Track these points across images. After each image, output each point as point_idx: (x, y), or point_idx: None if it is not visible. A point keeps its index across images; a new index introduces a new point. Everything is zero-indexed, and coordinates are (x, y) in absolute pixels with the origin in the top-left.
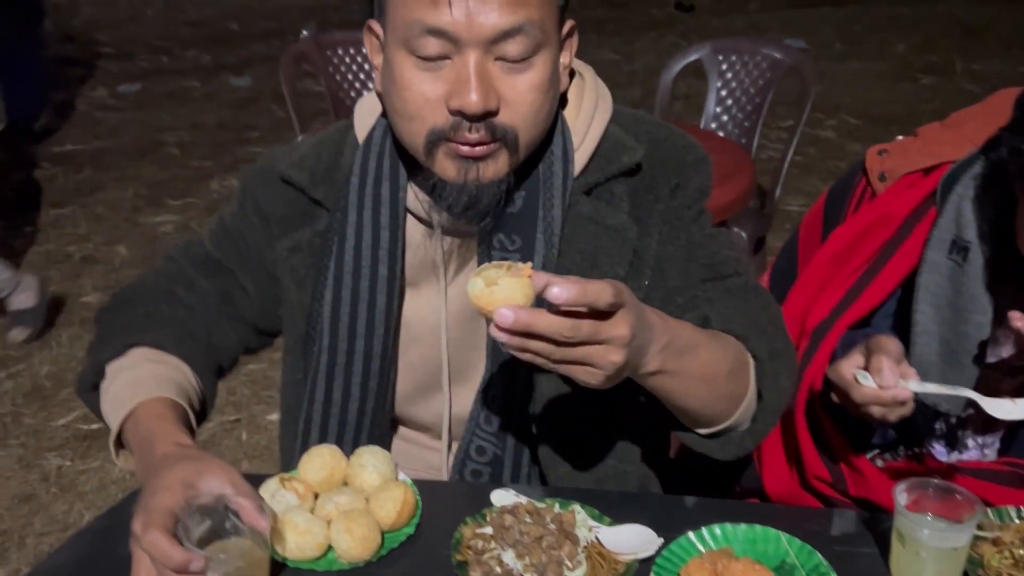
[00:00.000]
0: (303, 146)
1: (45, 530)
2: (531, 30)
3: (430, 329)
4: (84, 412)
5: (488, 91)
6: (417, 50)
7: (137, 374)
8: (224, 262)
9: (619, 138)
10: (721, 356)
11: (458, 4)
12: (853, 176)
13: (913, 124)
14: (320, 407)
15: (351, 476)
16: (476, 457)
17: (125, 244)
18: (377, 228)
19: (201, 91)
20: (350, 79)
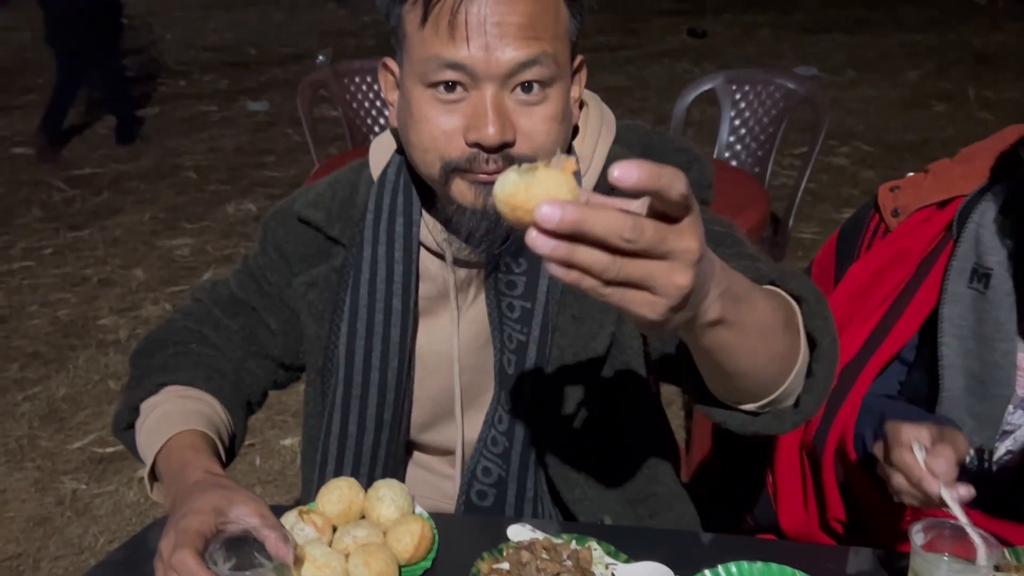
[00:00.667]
0: (319, 186)
1: (60, 553)
2: (546, 62)
3: (444, 359)
4: (100, 435)
5: (505, 123)
6: (434, 83)
7: (169, 409)
8: (248, 301)
9: (619, 155)
10: (776, 304)
11: (476, 39)
12: (865, 213)
13: (927, 151)
14: (336, 439)
15: (368, 509)
16: (482, 478)
17: (142, 267)
18: (391, 262)
19: (219, 115)
20: (366, 107)
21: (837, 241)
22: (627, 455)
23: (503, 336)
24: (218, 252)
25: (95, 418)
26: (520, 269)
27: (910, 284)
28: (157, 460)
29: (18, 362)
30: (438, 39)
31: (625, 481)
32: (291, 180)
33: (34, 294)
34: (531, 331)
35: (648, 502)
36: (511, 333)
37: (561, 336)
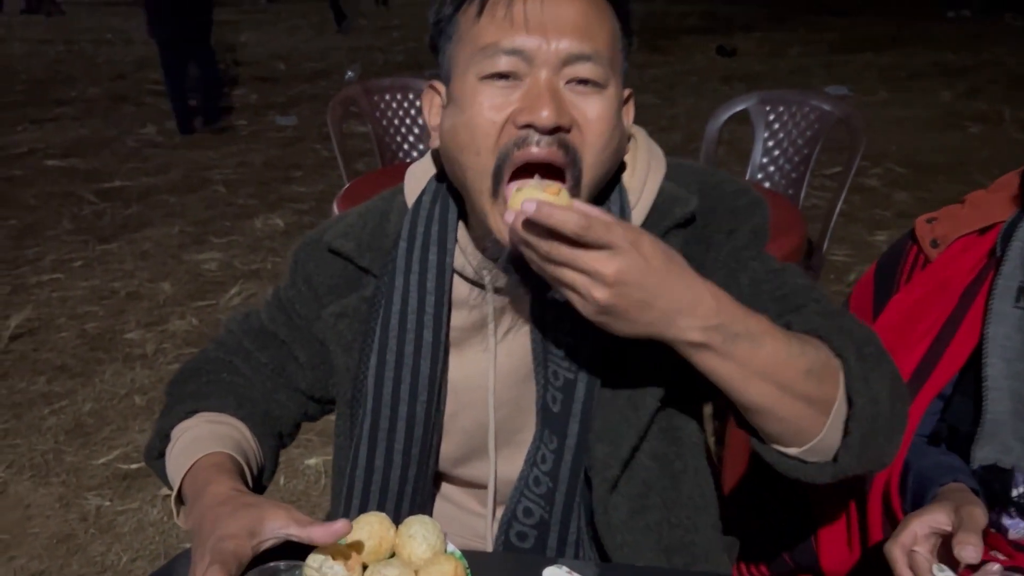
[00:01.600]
0: (349, 216)
1: (82, 572)
2: (600, 61)
3: (478, 392)
4: (124, 451)
5: (560, 107)
6: (489, 69)
7: (198, 433)
8: (277, 334)
9: (671, 192)
10: (797, 352)
11: (533, 26)
12: (902, 246)
13: (962, 173)
14: (362, 473)
15: (400, 547)
16: (523, 519)
17: (169, 281)
18: (423, 293)
19: (248, 129)
20: (396, 124)
21: (875, 274)
22: (672, 502)
23: (547, 372)
24: (245, 267)
25: (120, 433)
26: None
27: (954, 314)
28: (183, 483)
29: (45, 375)
30: (494, 27)
31: (667, 529)
32: (318, 195)
33: (63, 307)
34: (580, 369)
35: (687, 551)
36: (556, 370)
37: (614, 373)
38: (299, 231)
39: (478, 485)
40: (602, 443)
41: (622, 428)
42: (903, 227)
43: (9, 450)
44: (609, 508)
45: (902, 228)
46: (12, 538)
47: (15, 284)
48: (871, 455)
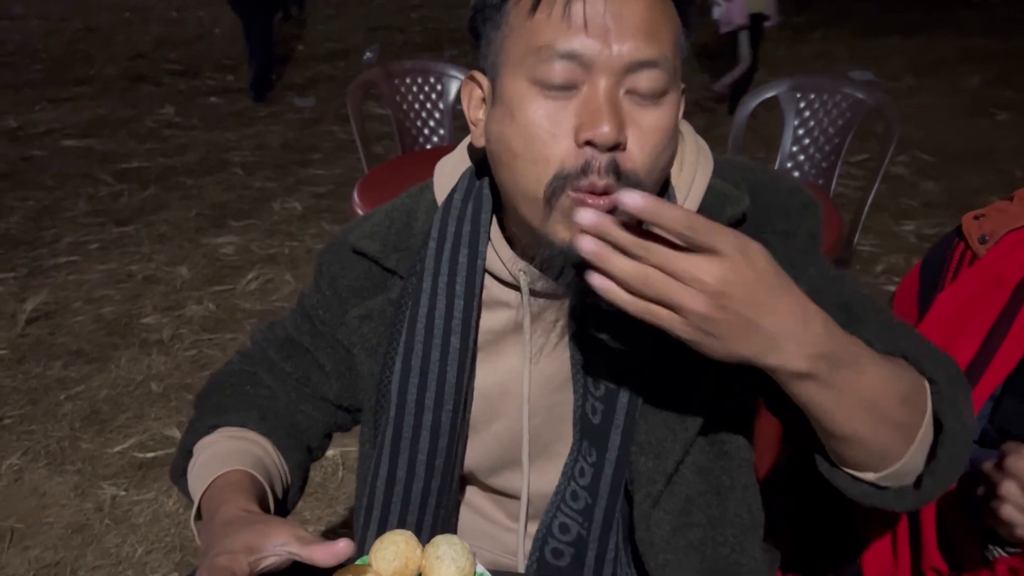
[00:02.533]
0: (375, 216)
1: (97, 564)
2: (665, 66)
3: (512, 399)
4: (140, 440)
5: (620, 121)
6: (544, 77)
7: (217, 450)
8: (303, 343)
9: (721, 190)
10: (893, 377)
11: (593, 27)
12: (948, 243)
13: (990, 162)
14: (383, 483)
15: (427, 569)
16: (559, 535)
17: (186, 265)
18: (452, 296)
19: (266, 110)
20: (416, 108)
21: (920, 273)
22: (717, 520)
23: (587, 382)
24: (263, 251)
25: (136, 421)
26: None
27: (1006, 311)
28: (202, 503)
29: (61, 360)
30: (550, 26)
31: (711, 548)
32: (337, 178)
33: (79, 290)
34: (622, 377)
35: (731, 571)
36: (597, 379)
37: (659, 383)
38: (317, 215)
39: (509, 496)
40: (646, 456)
41: (668, 440)
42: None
43: (25, 437)
44: (651, 525)
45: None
46: (27, 527)
47: (32, 266)
48: (952, 478)
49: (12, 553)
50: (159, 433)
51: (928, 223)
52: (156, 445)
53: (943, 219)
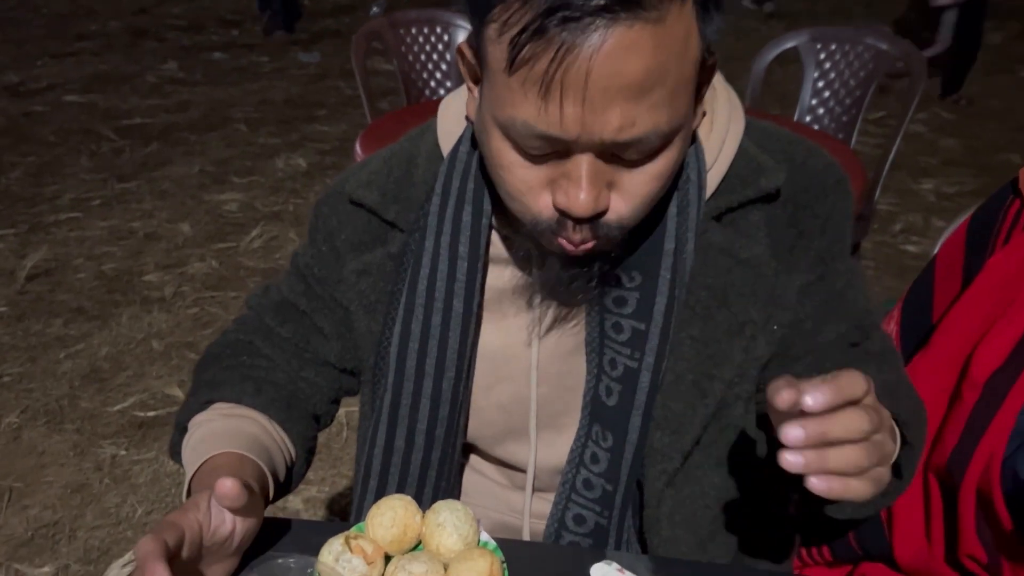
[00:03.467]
0: (372, 163)
1: (97, 523)
2: (653, 139)
3: (519, 364)
4: (140, 398)
5: (599, 192)
6: (520, 144)
7: (209, 430)
8: (298, 306)
9: (755, 156)
10: None
11: (571, 107)
12: (1001, 199)
13: (1012, 119)
14: (380, 452)
15: (427, 536)
16: (574, 527)
17: (189, 222)
18: (455, 257)
19: (270, 66)
20: (423, 59)
21: (967, 232)
22: (729, 498)
23: (602, 360)
24: (267, 208)
25: (136, 380)
26: (633, 284)
27: None
28: (192, 486)
29: (61, 317)
30: (525, 101)
31: (719, 526)
32: (342, 135)
33: (80, 247)
34: (644, 356)
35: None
36: (615, 358)
37: (677, 361)
38: (321, 172)
39: (514, 467)
40: (662, 432)
41: (686, 416)
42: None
43: (24, 395)
44: (663, 503)
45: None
46: (26, 486)
47: (32, 223)
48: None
49: (11, 512)
50: (160, 392)
51: (947, 181)
52: (157, 404)
53: (963, 177)
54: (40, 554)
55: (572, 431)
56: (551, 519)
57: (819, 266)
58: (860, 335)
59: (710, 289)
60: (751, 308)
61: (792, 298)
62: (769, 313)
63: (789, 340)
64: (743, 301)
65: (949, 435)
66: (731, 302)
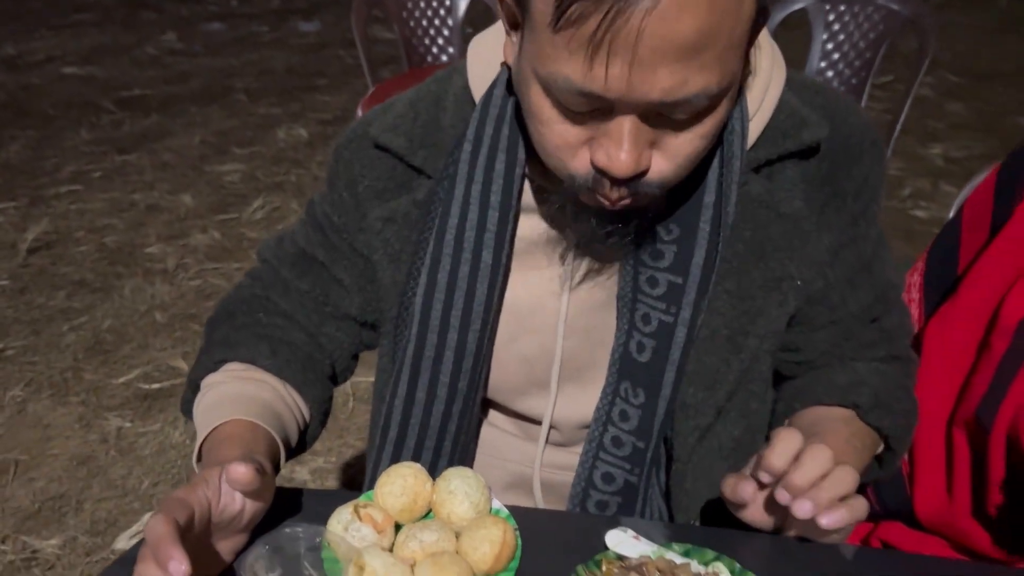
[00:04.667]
0: (397, 106)
1: (103, 495)
2: (701, 100)
3: (547, 316)
4: (145, 371)
5: (641, 153)
6: (562, 101)
7: (221, 393)
8: (316, 257)
9: (796, 109)
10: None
11: (618, 65)
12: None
13: (1021, 82)
14: (401, 403)
15: (438, 504)
16: (603, 486)
17: (191, 193)
18: (485, 206)
19: (269, 35)
20: (424, 24)
21: (998, 176)
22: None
23: (634, 316)
24: (268, 179)
25: (140, 351)
26: (670, 236)
27: None
28: (203, 451)
29: (64, 290)
30: (571, 60)
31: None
32: (343, 104)
33: (81, 219)
34: (680, 311)
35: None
36: (648, 313)
37: (712, 315)
38: (323, 142)
39: (532, 421)
40: (695, 387)
41: (720, 371)
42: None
43: (28, 368)
44: (694, 458)
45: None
46: (31, 459)
47: (33, 196)
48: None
49: (17, 484)
50: (164, 363)
51: (955, 146)
52: (161, 376)
53: (971, 141)
54: (47, 526)
55: (596, 386)
56: (577, 479)
57: (851, 229)
58: (880, 308)
59: (748, 243)
60: (788, 263)
61: (822, 256)
62: (802, 269)
63: (813, 306)
64: (780, 255)
65: (978, 384)
66: (768, 256)
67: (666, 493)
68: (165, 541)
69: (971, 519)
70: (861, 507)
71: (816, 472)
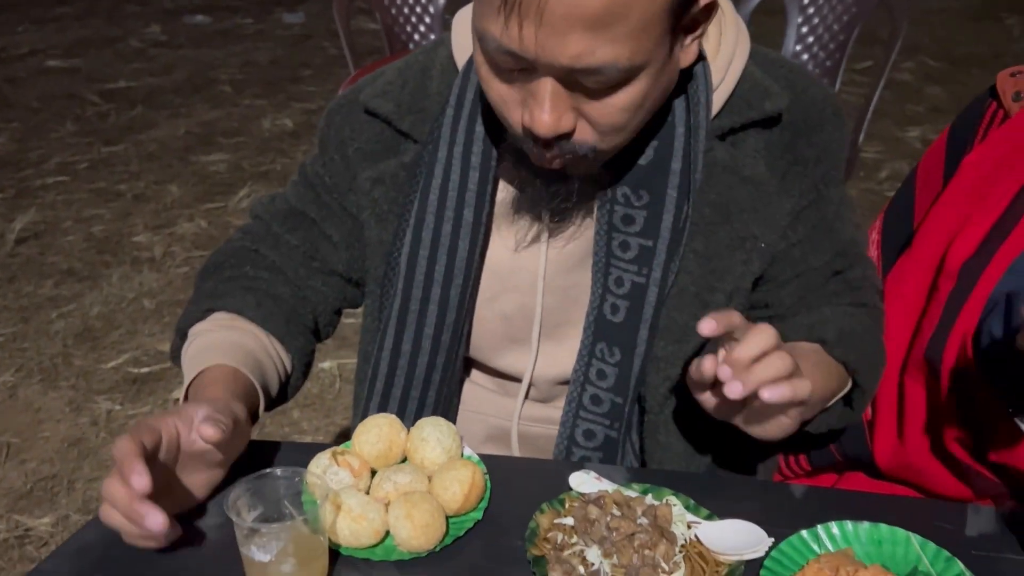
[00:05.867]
0: (387, 74)
1: (94, 475)
2: (612, 72)
3: (526, 276)
4: (134, 355)
5: (562, 114)
6: (493, 59)
7: (208, 340)
8: (307, 213)
9: (759, 80)
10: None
11: (530, 28)
12: (980, 104)
13: (998, 66)
14: (388, 356)
15: (411, 451)
16: (584, 442)
17: (177, 183)
18: (466, 167)
19: (254, 27)
20: (405, 13)
21: (948, 135)
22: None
23: (607, 280)
24: (254, 168)
25: (129, 337)
26: (640, 202)
27: None
28: (188, 394)
29: (52, 279)
30: (494, 16)
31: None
32: (327, 95)
33: (68, 209)
34: (651, 272)
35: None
36: (621, 276)
37: (681, 274)
38: (308, 131)
39: (512, 378)
40: (665, 341)
41: (689, 325)
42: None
43: (18, 354)
44: (665, 410)
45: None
46: (23, 442)
47: (19, 187)
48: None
49: (9, 467)
50: (152, 348)
51: (933, 128)
52: (150, 360)
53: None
54: (40, 505)
55: (572, 343)
56: (560, 437)
57: (812, 193)
58: (844, 262)
59: (713, 205)
60: (751, 223)
61: (784, 220)
62: (764, 230)
63: (777, 264)
64: (744, 217)
65: (927, 326)
66: (733, 217)
67: (640, 447)
68: (130, 457)
69: (930, 458)
70: (803, 387)
71: (755, 349)
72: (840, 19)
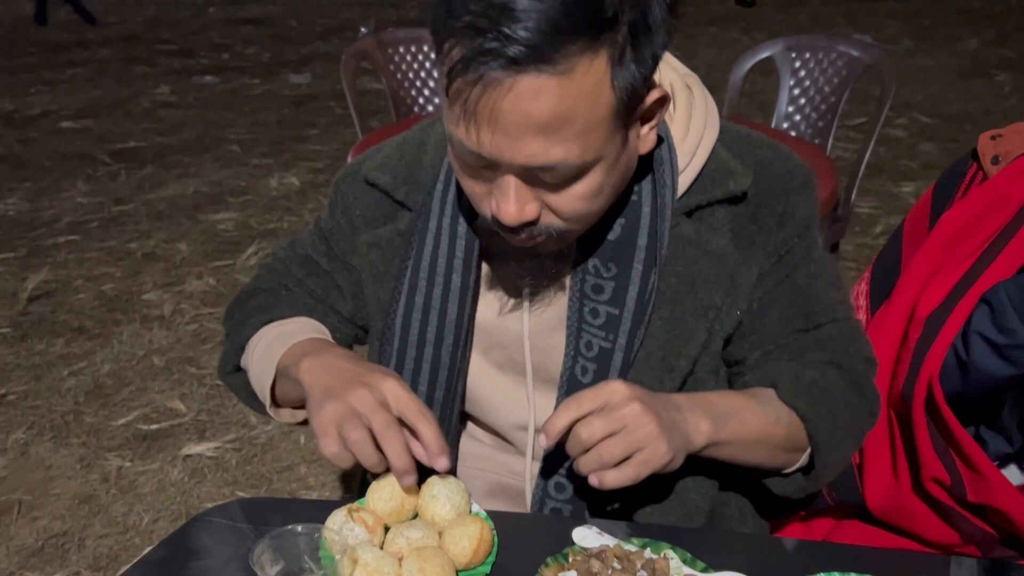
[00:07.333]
0: (387, 147)
1: (104, 532)
2: (564, 168)
3: (513, 334)
4: (144, 412)
5: (525, 204)
6: (460, 158)
7: (280, 331)
8: (320, 264)
9: (726, 161)
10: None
11: (488, 134)
12: (963, 164)
13: (989, 123)
14: None
15: (422, 508)
16: (555, 495)
17: (186, 241)
18: (455, 237)
19: (261, 88)
20: (411, 77)
21: (933, 193)
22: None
23: (579, 343)
24: (261, 227)
25: (139, 394)
26: (609, 274)
27: (1007, 228)
28: (276, 383)
29: (64, 337)
30: (459, 123)
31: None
32: (334, 154)
33: (79, 268)
34: (617, 339)
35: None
36: (591, 340)
37: (648, 339)
38: (315, 190)
39: (507, 432)
40: None
41: (655, 388)
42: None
43: (30, 411)
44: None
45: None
46: (34, 499)
47: (32, 246)
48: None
49: (21, 524)
50: (162, 405)
51: (927, 184)
52: (160, 417)
53: None
54: (51, 562)
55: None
56: (536, 487)
57: (773, 256)
58: (809, 321)
59: (679, 276)
60: (715, 293)
61: (751, 286)
62: (731, 298)
63: (743, 323)
64: (708, 287)
65: (900, 371)
66: (698, 287)
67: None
68: (439, 437)
69: (915, 500)
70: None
71: (562, 422)
72: (831, 81)
